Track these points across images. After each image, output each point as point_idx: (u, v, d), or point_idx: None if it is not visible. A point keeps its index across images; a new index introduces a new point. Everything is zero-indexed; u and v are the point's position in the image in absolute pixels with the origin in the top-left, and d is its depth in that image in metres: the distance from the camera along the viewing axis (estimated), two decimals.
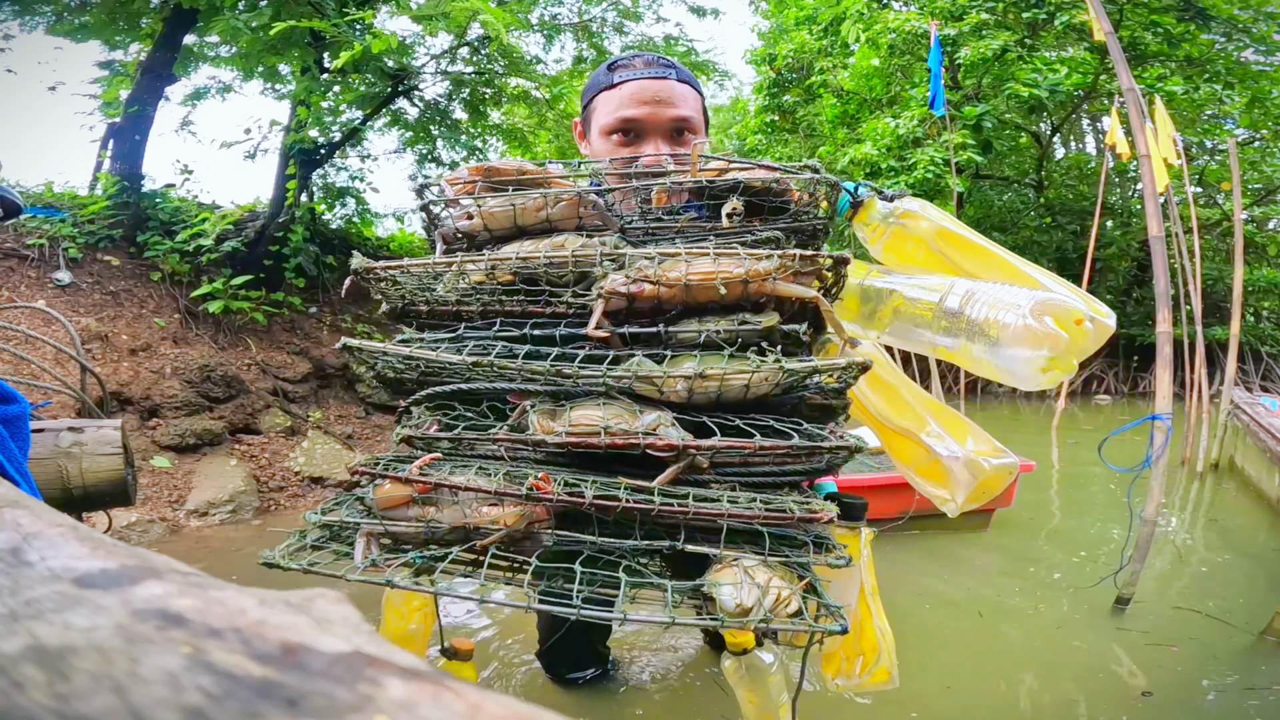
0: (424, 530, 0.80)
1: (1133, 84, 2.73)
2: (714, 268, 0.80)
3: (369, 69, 5.06)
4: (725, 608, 0.72)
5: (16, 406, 1.12)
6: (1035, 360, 0.79)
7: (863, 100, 9.45)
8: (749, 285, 0.81)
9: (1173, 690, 1.76)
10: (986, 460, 0.91)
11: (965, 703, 1.70)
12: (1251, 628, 2.06)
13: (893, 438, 1.00)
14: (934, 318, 0.89)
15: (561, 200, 0.91)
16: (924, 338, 0.91)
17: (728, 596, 0.72)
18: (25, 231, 4.71)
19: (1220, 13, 8.33)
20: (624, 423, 0.79)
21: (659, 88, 1.15)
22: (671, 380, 0.79)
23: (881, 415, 1.01)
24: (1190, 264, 4.68)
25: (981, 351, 0.84)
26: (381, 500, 0.81)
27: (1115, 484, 3.91)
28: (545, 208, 0.91)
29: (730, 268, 0.81)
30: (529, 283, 0.88)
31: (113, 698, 0.20)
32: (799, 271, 0.83)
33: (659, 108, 1.14)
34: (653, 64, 1.18)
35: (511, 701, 0.21)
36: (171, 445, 3.94)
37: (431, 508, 0.79)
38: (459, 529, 0.79)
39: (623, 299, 0.83)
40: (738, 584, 0.73)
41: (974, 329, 0.84)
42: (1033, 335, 0.78)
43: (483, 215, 0.93)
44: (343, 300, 5.96)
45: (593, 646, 1.64)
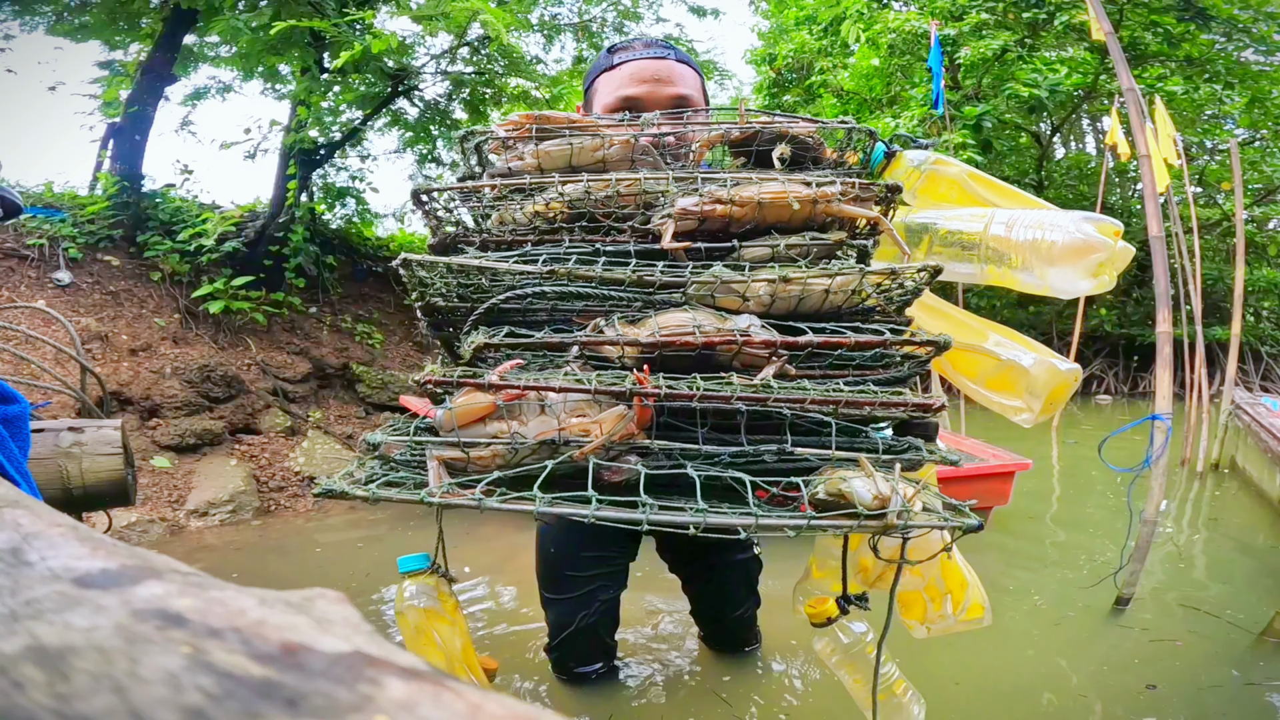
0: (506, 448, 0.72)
1: (1133, 84, 2.73)
2: (785, 187, 0.84)
3: (369, 69, 5.06)
4: (862, 500, 0.66)
5: (16, 406, 1.12)
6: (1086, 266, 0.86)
7: (863, 100, 9.44)
8: (817, 205, 0.85)
9: (1176, 684, 1.77)
10: (1058, 362, 0.93)
11: (972, 697, 1.71)
12: (1251, 628, 2.06)
13: (957, 357, 1.01)
14: (980, 245, 0.94)
15: (615, 144, 0.93)
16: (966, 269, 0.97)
17: (862, 489, 0.67)
18: (25, 231, 4.71)
19: (1220, 13, 8.32)
20: (715, 324, 0.77)
21: (658, 67, 1.17)
22: (755, 286, 0.78)
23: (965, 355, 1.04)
24: (1190, 264, 4.67)
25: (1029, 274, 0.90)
26: (461, 415, 0.72)
27: (1115, 484, 3.91)
28: (602, 148, 0.93)
29: (799, 188, 0.84)
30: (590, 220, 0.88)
31: (113, 698, 0.20)
32: (859, 196, 0.88)
33: (658, 86, 1.16)
34: (652, 45, 1.20)
35: (511, 702, 0.21)
36: (171, 445, 3.94)
37: (514, 420, 0.72)
38: (546, 443, 0.71)
39: (693, 218, 0.84)
40: (870, 475, 0.69)
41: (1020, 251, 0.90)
42: (1081, 245, 0.86)
43: (538, 154, 0.93)
44: (342, 300, 5.96)
45: (601, 640, 1.65)
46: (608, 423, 0.70)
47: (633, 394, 0.69)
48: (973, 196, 1.03)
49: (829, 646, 0.95)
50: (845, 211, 0.88)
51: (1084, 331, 6.93)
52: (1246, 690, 1.75)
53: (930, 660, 1.85)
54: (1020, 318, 10.19)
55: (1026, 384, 0.93)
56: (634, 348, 0.75)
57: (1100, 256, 0.86)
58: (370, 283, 6.33)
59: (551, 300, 0.80)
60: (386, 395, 5.14)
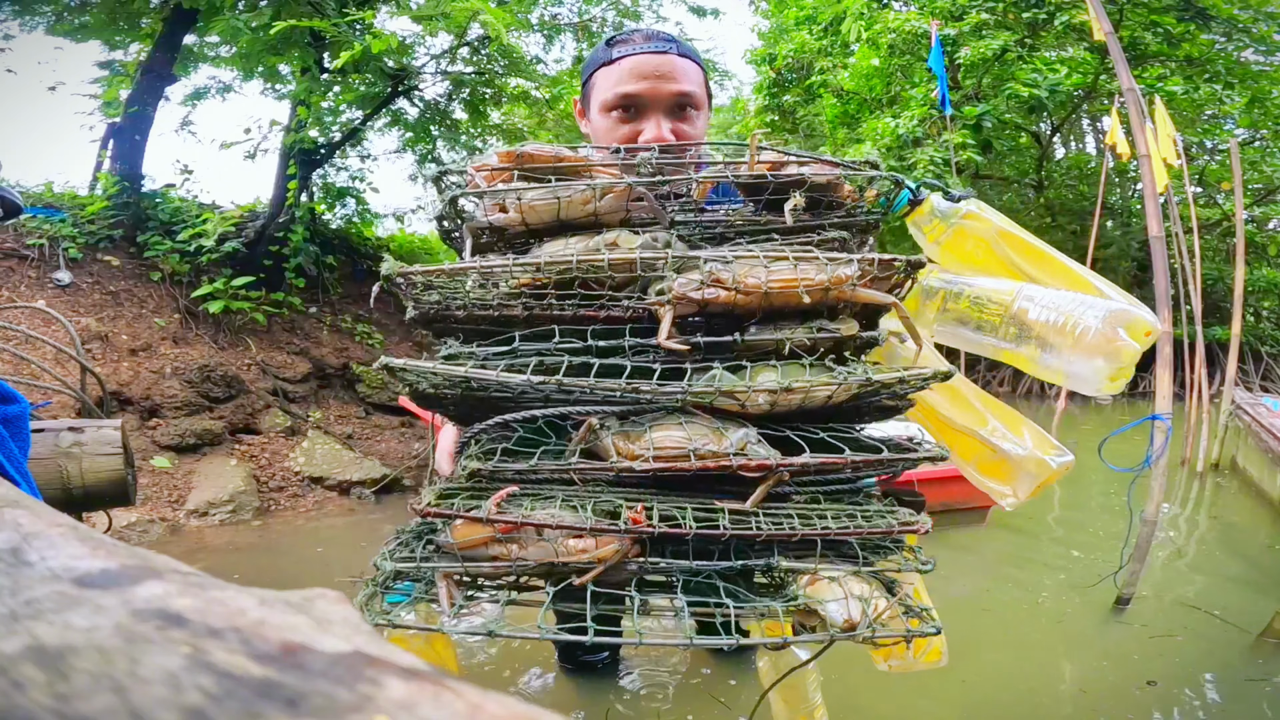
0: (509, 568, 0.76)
1: (1133, 84, 2.73)
2: (795, 274, 0.76)
3: (369, 69, 5.06)
4: (834, 623, 0.72)
5: (16, 406, 1.12)
6: (1106, 369, 0.82)
7: (863, 100, 9.44)
8: (829, 292, 0.78)
9: (1176, 680, 1.77)
10: (1051, 458, 0.92)
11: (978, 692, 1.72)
12: (1251, 627, 2.06)
13: (954, 435, 1.00)
14: (1001, 322, 0.89)
15: (609, 193, 0.84)
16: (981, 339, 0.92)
17: (835, 613, 0.72)
18: (25, 231, 4.71)
19: (1220, 13, 8.32)
20: (710, 442, 0.75)
21: (659, 62, 1.12)
22: (755, 395, 0.76)
23: (944, 414, 1.01)
24: (1190, 264, 4.67)
25: (1049, 357, 0.85)
26: (460, 542, 0.76)
27: (1115, 484, 3.90)
28: (592, 200, 0.84)
29: (812, 274, 0.77)
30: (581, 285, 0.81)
31: (113, 698, 0.20)
32: (875, 276, 0.81)
33: (659, 82, 1.11)
34: (653, 38, 1.14)
35: (512, 701, 0.21)
36: (171, 445, 3.94)
37: (514, 545, 0.75)
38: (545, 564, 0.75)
39: (693, 304, 0.78)
40: (842, 599, 0.73)
41: (1044, 335, 0.85)
42: (1108, 345, 0.81)
43: (521, 209, 0.84)
44: (342, 300, 5.96)
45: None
46: (605, 553, 0.74)
47: (626, 532, 0.73)
48: (1002, 261, 0.95)
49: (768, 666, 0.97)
50: (860, 297, 0.80)
51: None
52: (1246, 686, 1.76)
53: None
54: None
55: (1016, 475, 0.94)
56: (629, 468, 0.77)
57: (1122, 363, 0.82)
58: (370, 283, 6.32)
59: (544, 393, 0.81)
60: (386, 395, 5.14)
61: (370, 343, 5.62)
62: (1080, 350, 0.82)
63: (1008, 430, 0.95)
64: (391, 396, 5.11)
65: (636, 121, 1.13)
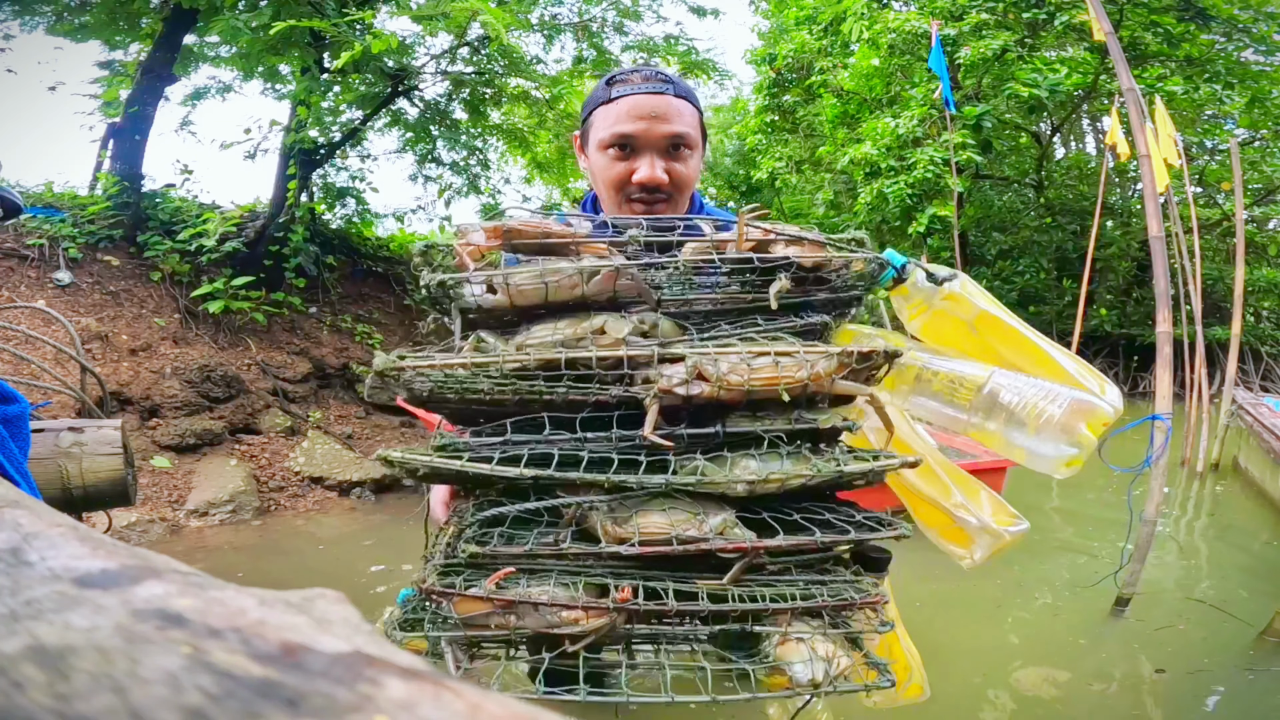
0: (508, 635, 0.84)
1: (1133, 84, 2.73)
2: (776, 372, 0.82)
3: (369, 69, 5.06)
4: (799, 683, 0.81)
5: (16, 406, 1.12)
6: (1064, 455, 0.89)
7: (863, 100, 9.44)
8: (808, 388, 0.84)
9: (1183, 669, 1.80)
10: (1005, 530, 1.00)
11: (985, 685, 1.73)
12: (1254, 623, 2.06)
13: (918, 503, 1.08)
14: (971, 403, 0.95)
15: (596, 275, 0.87)
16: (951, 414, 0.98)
17: (801, 674, 0.81)
18: (25, 231, 4.71)
19: (1220, 13, 8.32)
20: (691, 528, 0.82)
21: (655, 103, 1.15)
22: (734, 485, 0.83)
23: (910, 484, 1.07)
24: (1190, 264, 4.68)
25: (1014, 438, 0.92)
26: (462, 615, 0.83)
27: (1116, 484, 3.90)
28: (580, 285, 0.87)
29: (792, 371, 0.82)
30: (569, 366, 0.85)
31: (113, 698, 0.20)
32: (854, 368, 0.86)
33: (654, 123, 1.15)
34: (651, 79, 1.18)
35: (511, 702, 0.21)
36: (171, 445, 3.94)
37: (512, 616, 0.82)
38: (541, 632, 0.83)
39: (678, 399, 0.83)
40: (806, 660, 0.81)
41: (1011, 416, 0.91)
42: (1067, 434, 0.88)
43: (508, 291, 0.88)
44: (342, 300, 5.97)
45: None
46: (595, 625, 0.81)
47: (615, 609, 0.80)
48: (979, 345, 1.00)
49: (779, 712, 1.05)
50: (838, 390, 0.86)
51: (1084, 331, 6.93)
52: (1249, 677, 1.77)
53: (943, 652, 1.87)
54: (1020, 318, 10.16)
55: (974, 542, 1.02)
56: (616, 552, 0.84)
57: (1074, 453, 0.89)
58: (370, 283, 6.33)
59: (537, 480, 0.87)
60: (386, 395, 5.12)
61: (370, 343, 5.62)
62: (1043, 435, 0.89)
63: (969, 501, 1.02)
64: (391, 397, 5.11)
65: (631, 160, 1.16)
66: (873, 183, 8.32)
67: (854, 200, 9.20)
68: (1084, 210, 9.78)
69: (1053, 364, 0.97)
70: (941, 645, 1.92)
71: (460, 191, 7.13)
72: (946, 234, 8.02)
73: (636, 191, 1.15)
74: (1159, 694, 1.68)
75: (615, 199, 1.18)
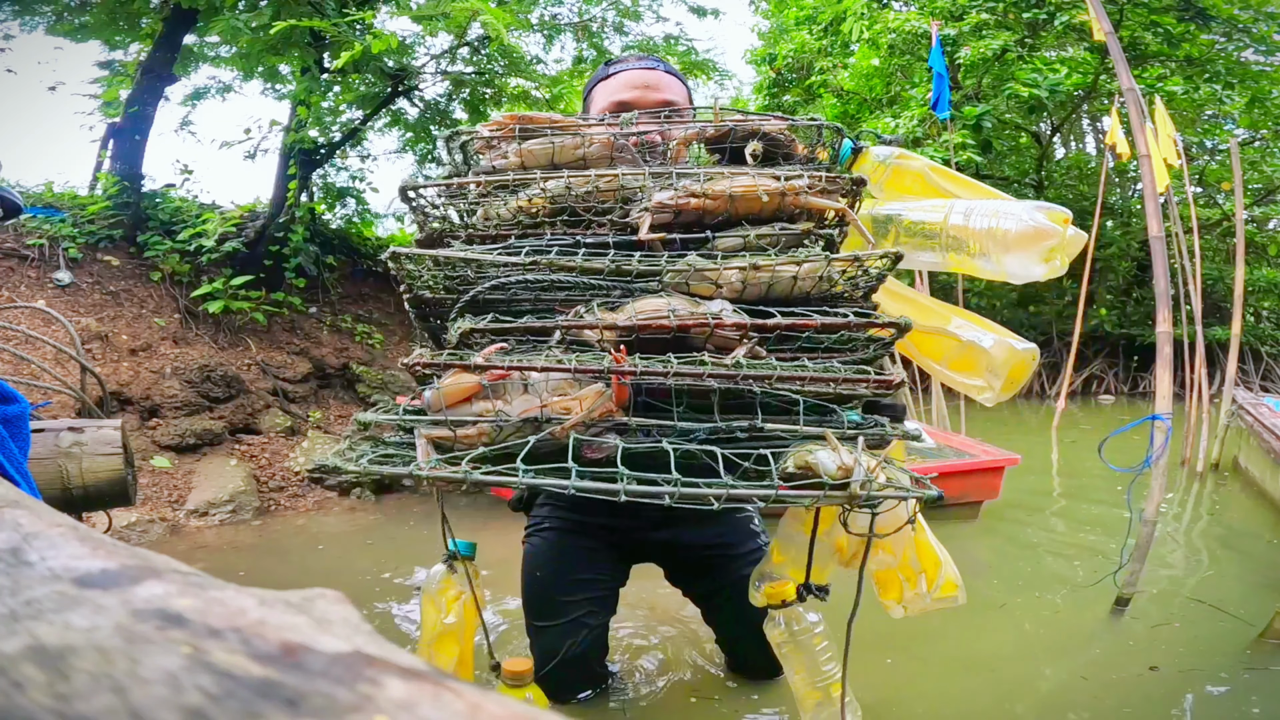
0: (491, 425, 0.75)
1: (1133, 84, 2.73)
2: (754, 182, 0.90)
3: (369, 69, 5.06)
4: (827, 470, 0.69)
5: (16, 406, 1.12)
6: (1039, 252, 0.94)
7: (863, 100, 9.44)
8: (785, 198, 0.91)
9: (1179, 667, 1.80)
10: (1015, 342, 1.00)
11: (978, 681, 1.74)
12: (1253, 622, 2.06)
13: (922, 339, 1.09)
14: (940, 234, 1.01)
15: (596, 141, 0.99)
16: (929, 257, 1.04)
17: (828, 460, 0.70)
18: (25, 231, 4.71)
19: (1220, 13, 8.31)
20: (689, 309, 0.82)
21: (647, 75, 1.31)
22: (727, 273, 0.84)
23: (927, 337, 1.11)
24: (1190, 264, 4.67)
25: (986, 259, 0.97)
26: (448, 395, 0.76)
27: (1115, 484, 3.91)
28: (582, 146, 0.99)
29: (769, 183, 0.90)
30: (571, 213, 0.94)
31: (113, 698, 0.20)
32: (825, 190, 0.95)
33: (647, 91, 1.28)
34: (644, 58, 1.36)
35: (511, 702, 0.21)
36: (171, 445, 3.94)
37: (499, 400, 0.76)
38: (530, 421, 0.74)
39: (669, 212, 0.90)
40: (835, 448, 0.72)
41: (978, 239, 0.97)
42: (1035, 231, 0.93)
43: (521, 153, 0.99)
44: (342, 300, 5.96)
45: (590, 668, 1.58)
46: (587, 400, 0.74)
47: (610, 372, 0.73)
48: (935, 189, 1.11)
49: (779, 633, 0.97)
50: (813, 204, 0.94)
51: (1084, 331, 6.93)
52: (1247, 675, 1.77)
53: (936, 645, 1.87)
54: (1020, 318, 10.18)
55: (986, 363, 1.00)
56: (612, 331, 0.78)
57: (1051, 243, 0.94)
58: (370, 283, 6.33)
59: (534, 290, 0.84)
60: (386, 395, 5.14)
61: (370, 343, 5.62)
62: (1012, 245, 0.95)
63: (973, 325, 1.05)
64: (391, 396, 5.12)
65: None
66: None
67: None
68: (1084, 210, 9.76)
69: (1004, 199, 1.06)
70: (941, 645, 1.92)
71: None
72: None
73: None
74: (1152, 691, 1.69)
75: None
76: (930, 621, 2.06)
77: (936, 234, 1.01)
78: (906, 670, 1.80)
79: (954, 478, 3.04)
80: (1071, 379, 7.67)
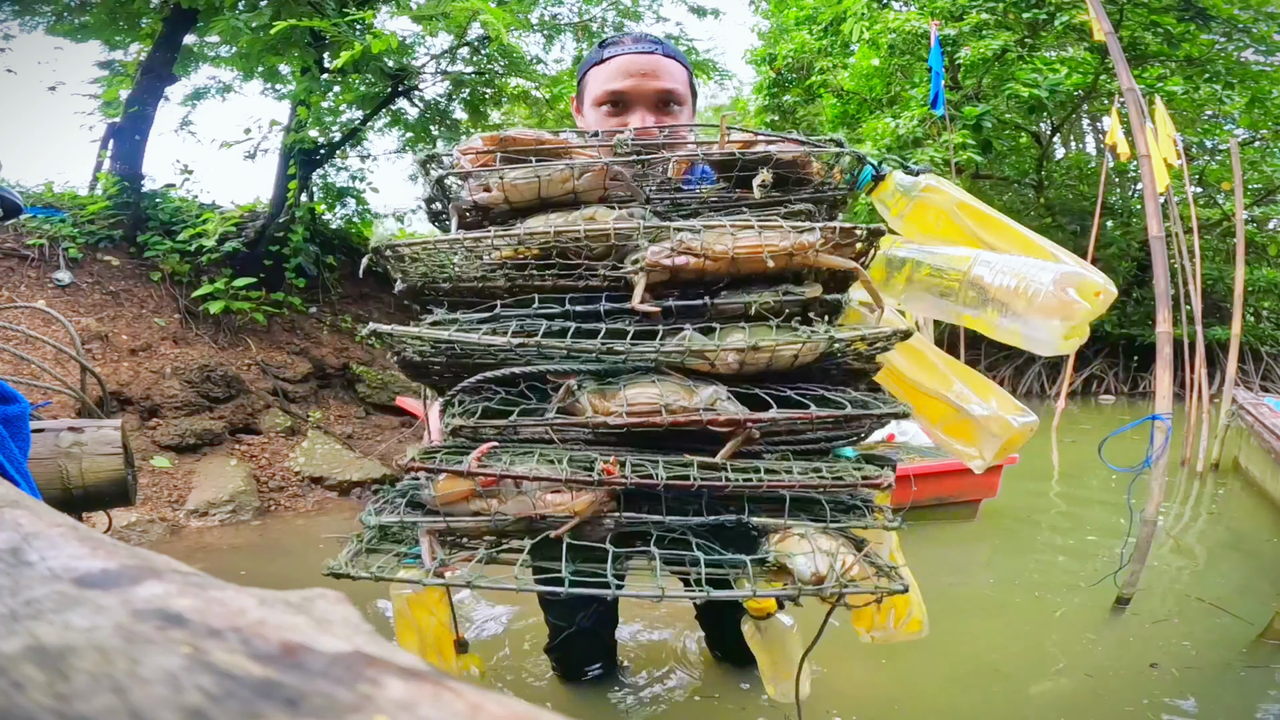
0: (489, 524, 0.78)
1: (1133, 84, 2.73)
2: (759, 241, 0.81)
3: (369, 69, 5.06)
4: (802, 576, 0.73)
5: (16, 406, 1.12)
6: (1060, 328, 0.86)
7: (863, 100, 9.44)
8: (793, 257, 0.83)
9: (1178, 665, 1.81)
10: (1013, 418, 0.95)
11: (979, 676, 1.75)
12: (1253, 620, 2.06)
13: (921, 398, 1.04)
14: (960, 288, 0.93)
15: (588, 171, 0.88)
16: (945, 306, 0.96)
17: (803, 566, 0.73)
18: (25, 231, 4.71)
19: (1220, 13, 8.31)
20: (681, 399, 0.79)
21: (645, 61, 1.20)
22: (724, 353, 0.79)
23: (910, 378, 1.05)
24: (1190, 264, 4.67)
25: (1007, 320, 0.89)
26: (442, 496, 0.78)
27: (1115, 484, 3.91)
28: (571, 179, 0.88)
29: (775, 240, 0.81)
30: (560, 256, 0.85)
31: (113, 698, 0.20)
32: (838, 244, 0.86)
33: (644, 80, 1.19)
34: (641, 40, 1.23)
35: (511, 701, 0.21)
36: (171, 445, 3.94)
37: (494, 500, 0.77)
38: (524, 518, 0.77)
39: (665, 271, 0.82)
40: (810, 553, 0.74)
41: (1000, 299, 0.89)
42: (1060, 305, 0.84)
43: (504, 188, 0.89)
44: (342, 300, 5.97)
45: (601, 639, 1.63)
46: (580, 505, 0.76)
47: (600, 483, 0.75)
48: (960, 230, 1.00)
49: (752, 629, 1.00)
50: (823, 263, 0.86)
51: None
52: (1244, 673, 1.77)
53: (935, 645, 1.87)
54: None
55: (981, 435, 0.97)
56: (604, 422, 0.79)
57: (1070, 323, 0.86)
58: (370, 283, 6.33)
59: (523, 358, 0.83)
60: (386, 395, 5.14)
61: (370, 343, 5.61)
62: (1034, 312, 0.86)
63: (973, 393, 0.99)
64: (391, 397, 5.12)
65: (623, 115, 1.20)
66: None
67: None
68: (1084, 210, 9.77)
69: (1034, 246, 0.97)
70: (940, 644, 1.92)
71: None
72: None
73: None
74: (1152, 689, 1.69)
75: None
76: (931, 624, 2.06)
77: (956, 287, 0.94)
78: (906, 670, 1.80)
79: (952, 476, 3.03)
80: (1071, 379, 7.68)
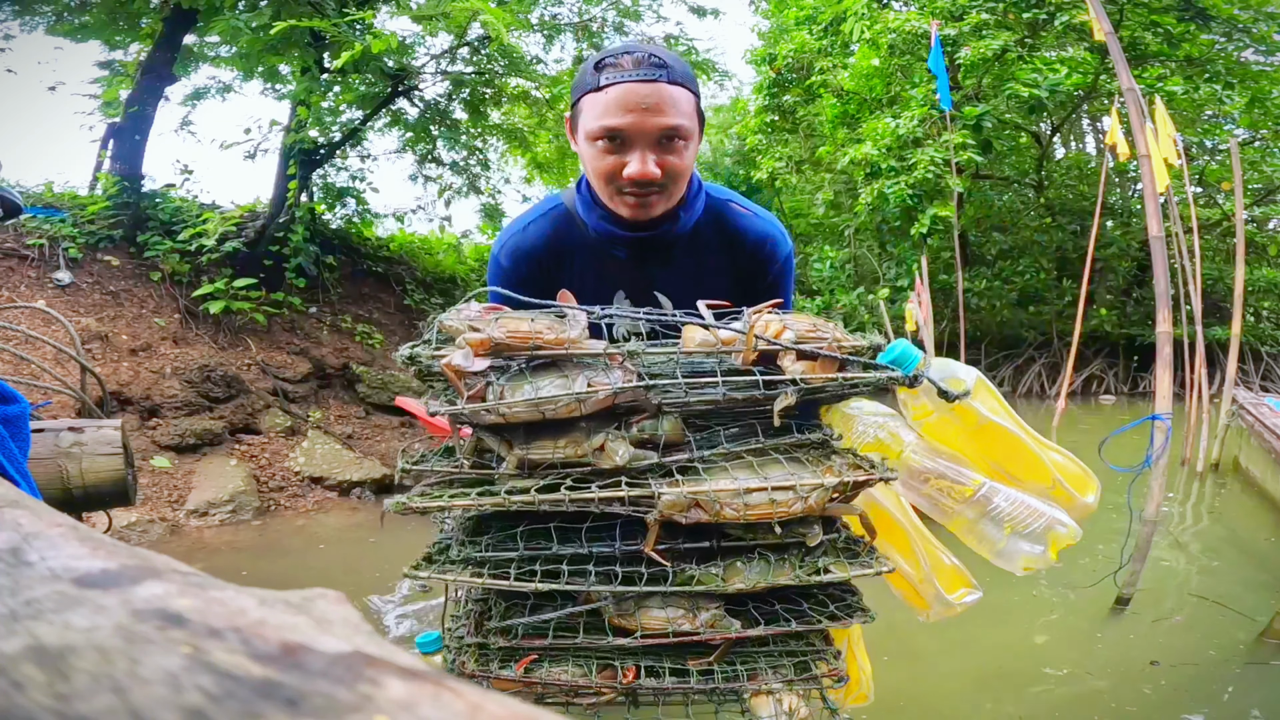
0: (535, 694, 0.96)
1: (1133, 84, 2.73)
2: (771, 509, 0.85)
3: (369, 69, 5.06)
4: None
5: (16, 406, 1.12)
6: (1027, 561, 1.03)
7: (863, 100, 9.44)
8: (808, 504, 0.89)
9: (1178, 663, 1.82)
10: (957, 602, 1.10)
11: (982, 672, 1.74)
12: (1251, 627, 2.06)
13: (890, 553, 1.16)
14: (959, 505, 1.05)
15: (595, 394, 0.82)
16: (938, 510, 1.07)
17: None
18: (25, 231, 4.71)
19: (1220, 13, 8.32)
20: (686, 621, 0.92)
21: (647, 93, 1.05)
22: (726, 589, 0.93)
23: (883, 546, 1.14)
24: (1190, 264, 4.67)
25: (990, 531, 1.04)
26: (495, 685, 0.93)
27: (1115, 484, 3.90)
28: (578, 409, 0.83)
29: (787, 506, 0.85)
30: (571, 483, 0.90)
31: (113, 698, 0.20)
32: (848, 497, 0.90)
33: (646, 115, 1.05)
34: (642, 64, 1.06)
35: (512, 701, 0.21)
36: (171, 445, 3.94)
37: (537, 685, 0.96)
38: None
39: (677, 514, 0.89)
40: (774, 715, 0.94)
41: (993, 520, 1.03)
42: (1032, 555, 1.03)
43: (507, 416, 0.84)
44: (342, 300, 5.97)
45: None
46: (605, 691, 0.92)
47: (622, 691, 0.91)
48: (978, 453, 1.07)
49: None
50: (831, 513, 0.89)
51: (1084, 332, 6.93)
52: (1239, 670, 1.78)
53: (936, 644, 1.87)
54: (1020, 318, 10.18)
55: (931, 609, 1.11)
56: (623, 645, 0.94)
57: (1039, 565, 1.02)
58: (370, 283, 6.33)
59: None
60: (386, 395, 5.14)
61: (370, 343, 5.62)
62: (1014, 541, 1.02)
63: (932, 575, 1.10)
64: (390, 397, 5.12)
65: (622, 154, 1.08)
66: (873, 183, 8.32)
67: (854, 200, 9.20)
68: (1084, 210, 9.78)
69: (1044, 469, 1.07)
70: (941, 643, 1.92)
71: (460, 191, 7.14)
72: (947, 234, 8.03)
73: (628, 186, 1.07)
74: (1153, 686, 1.69)
75: (606, 191, 1.11)
76: (931, 623, 2.07)
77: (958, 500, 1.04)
78: (906, 669, 1.80)
79: None
80: (1071, 379, 7.67)
